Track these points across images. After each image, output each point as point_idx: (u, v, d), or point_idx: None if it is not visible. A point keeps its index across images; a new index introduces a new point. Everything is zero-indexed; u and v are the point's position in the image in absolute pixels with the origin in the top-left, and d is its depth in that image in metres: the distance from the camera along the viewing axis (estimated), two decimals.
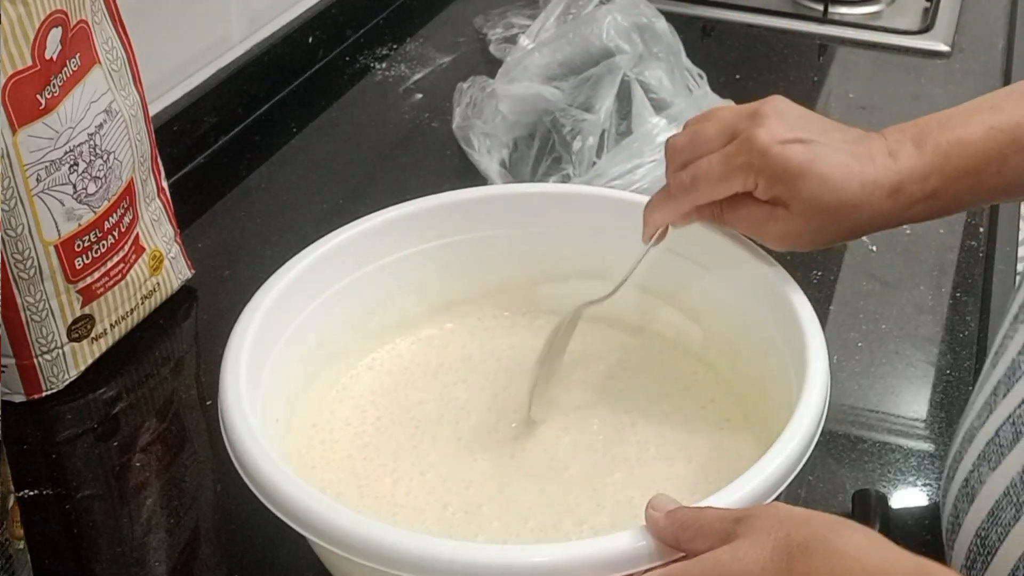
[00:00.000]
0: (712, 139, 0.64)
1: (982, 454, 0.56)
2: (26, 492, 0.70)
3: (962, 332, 0.84)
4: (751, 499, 0.54)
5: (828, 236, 0.64)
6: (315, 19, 1.18)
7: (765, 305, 0.68)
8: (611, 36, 1.02)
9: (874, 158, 0.62)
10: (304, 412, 0.69)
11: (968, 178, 0.61)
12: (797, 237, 0.63)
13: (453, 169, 1.02)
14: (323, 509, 0.53)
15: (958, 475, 0.58)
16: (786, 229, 0.63)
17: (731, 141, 0.63)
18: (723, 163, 0.63)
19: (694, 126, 0.66)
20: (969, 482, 0.56)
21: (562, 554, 0.51)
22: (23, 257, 0.72)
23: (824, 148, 0.62)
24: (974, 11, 1.33)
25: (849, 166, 0.62)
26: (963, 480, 0.57)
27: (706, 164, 0.64)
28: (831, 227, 0.63)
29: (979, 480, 0.55)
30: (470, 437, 0.69)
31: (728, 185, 0.63)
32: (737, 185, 0.63)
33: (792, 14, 1.31)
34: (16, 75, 0.68)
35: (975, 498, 0.55)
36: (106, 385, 0.79)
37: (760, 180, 0.62)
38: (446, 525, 0.63)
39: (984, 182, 0.61)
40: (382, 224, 0.72)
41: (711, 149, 0.64)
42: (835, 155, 0.62)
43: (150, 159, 0.82)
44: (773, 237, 0.65)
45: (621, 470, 0.67)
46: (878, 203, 0.61)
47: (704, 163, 0.64)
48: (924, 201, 0.62)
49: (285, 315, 0.67)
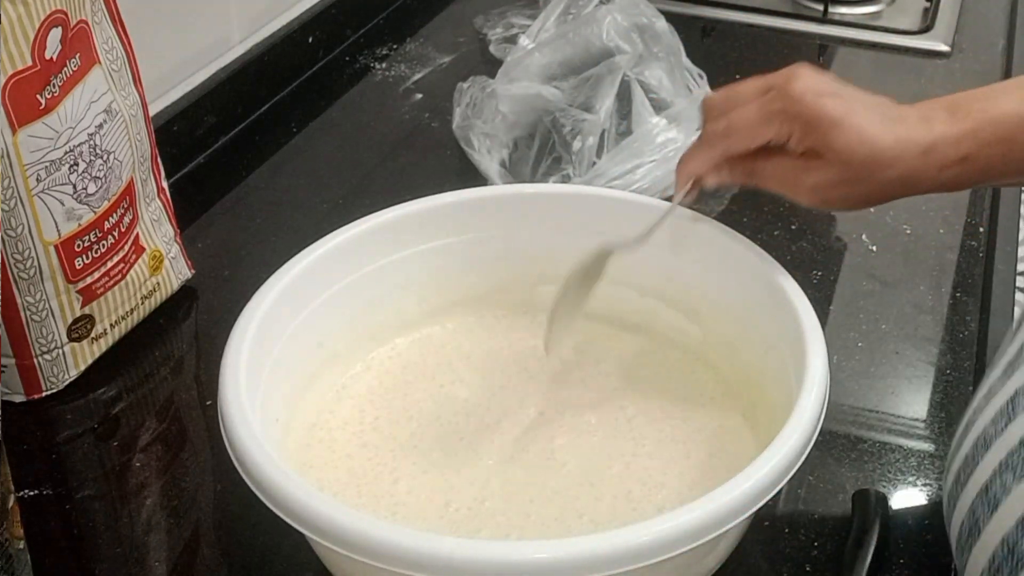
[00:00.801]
0: (748, 93, 0.66)
1: (1004, 463, 0.56)
2: (26, 492, 0.70)
3: (962, 332, 0.84)
4: (749, 497, 0.54)
5: (860, 192, 0.64)
6: (315, 19, 1.18)
7: (765, 304, 0.68)
8: (611, 36, 1.02)
9: (907, 119, 0.63)
10: (304, 412, 0.70)
11: (1000, 144, 0.62)
12: (830, 189, 0.64)
13: (453, 169, 1.02)
14: (323, 507, 0.53)
15: (974, 480, 0.58)
16: (819, 180, 0.64)
17: (767, 94, 0.64)
18: (759, 110, 0.64)
19: (730, 86, 0.68)
20: (990, 490, 0.56)
21: (561, 550, 0.51)
22: (23, 257, 0.72)
23: (858, 104, 0.63)
24: (974, 11, 1.33)
25: (883, 122, 0.63)
26: (982, 486, 0.57)
27: (742, 111, 0.65)
28: (864, 182, 0.63)
29: (1003, 488, 0.55)
30: (470, 436, 0.69)
31: (764, 131, 0.64)
32: (772, 131, 0.64)
33: (792, 14, 1.31)
34: (16, 75, 0.68)
35: (998, 506, 0.55)
36: (106, 385, 0.79)
37: (795, 127, 0.63)
38: (448, 522, 0.64)
39: (1015, 150, 0.62)
40: (382, 224, 0.72)
41: (747, 101, 0.65)
42: (869, 111, 0.63)
43: (150, 159, 0.82)
44: (806, 190, 0.65)
45: (619, 465, 0.67)
46: (911, 160, 0.62)
47: (740, 110, 0.65)
48: (956, 165, 0.62)
49: (285, 315, 0.67)
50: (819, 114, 0.62)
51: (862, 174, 0.63)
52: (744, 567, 0.65)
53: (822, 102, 0.63)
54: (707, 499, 0.53)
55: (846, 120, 0.62)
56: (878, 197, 0.65)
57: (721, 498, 0.53)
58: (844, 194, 0.64)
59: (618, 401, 0.72)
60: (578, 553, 0.51)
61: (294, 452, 0.67)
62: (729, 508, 0.53)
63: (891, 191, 0.64)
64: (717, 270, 0.71)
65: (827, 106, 0.62)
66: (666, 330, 0.76)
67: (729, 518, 0.53)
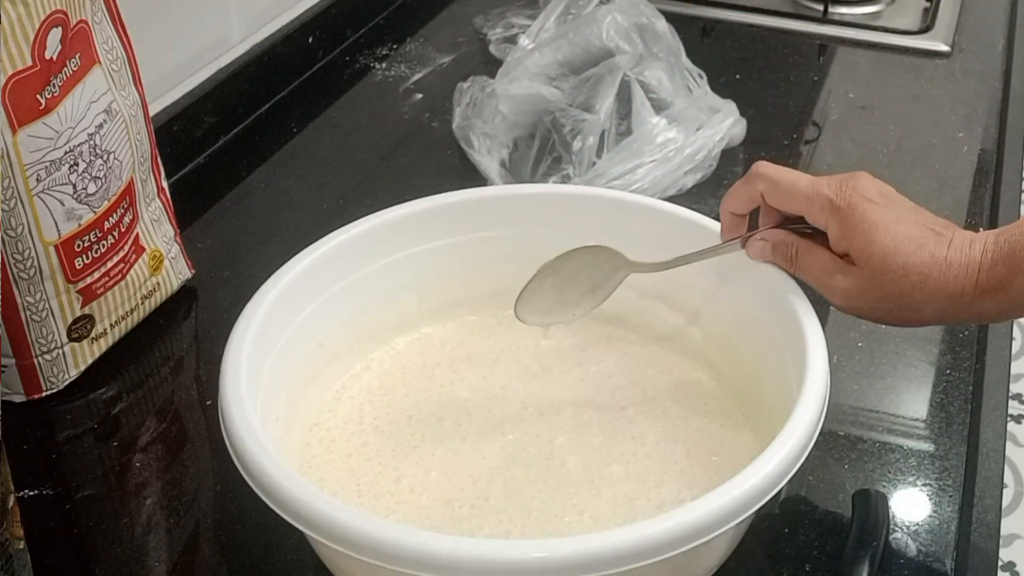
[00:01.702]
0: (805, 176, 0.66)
1: None
2: (26, 492, 0.70)
3: (962, 332, 0.84)
4: (749, 497, 0.54)
5: (890, 305, 0.63)
6: (315, 19, 1.18)
7: (765, 304, 0.68)
8: (611, 36, 1.02)
9: (951, 241, 0.62)
10: (304, 411, 0.70)
11: None
12: (859, 296, 0.63)
13: (453, 169, 1.02)
14: (323, 506, 0.53)
15: None
16: (850, 285, 0.63)
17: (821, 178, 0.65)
18: (809, 184, 0.64)
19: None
20: None
21: (561, 549, 0.51)
22: (23, 257, 0.72)
23: (903, 217, 0.63)
24: (974, 11, 1.33)
25: (924, 238, 0.62)
26: None
27: (794, 176, 0.65)
28: (894, 296, 0.62)
29: None
30: (470, 435, 0.69)
31: (804, 203, 0.64)
32: (812, 209, 0.64)
33: (792, 14, 1.31)
34: (16, 75, 0.68)
35: None
36: (106, 385, 0.79)
37: (834, 221, 0.63)
38: (449, 521, 0.64)
39: None
40: (382, 224, 0.72)
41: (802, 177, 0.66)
42: (912, 226, 0.62)
43: (150, 159, 0.82)
44: (838, 292, 0.64)
45: (619, 464, 0.67)
46: (944, 282, 0.61)
47: (792, 175, 0.65)
48: (992, 294, 0.60)
49: (285, 315, 0.67)
50: (860, 215, 0.62)
51: (892, 287, 0.62)
52: (744, 567, 0.65)
53: (866, 205, 0.62)
54: (707, 499, 0.53)
55: (884, 227, 0.61)
56: (906, 317, 0.64)
57: (721, 498, 0.53)
58: (872, 304, 0.63)
59: (618, 401, 0.72)
60: (578, 552, 0.51)
61: (294, 451, 0.67)
62: (729, 508, 0.53)
63: (922, 311, 0.62)
64: (717, 270, 0.71)
65: (869, 210, 0.62)
66: (666, 330, 0.76)
67: (729, 518, 0.53)
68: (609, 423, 0.70)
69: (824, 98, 1.17)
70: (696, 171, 0.96)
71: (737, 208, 0.68)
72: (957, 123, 1.12)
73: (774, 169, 0.66)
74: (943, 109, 1.15)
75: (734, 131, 1.01)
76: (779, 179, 0.65)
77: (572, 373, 0.74)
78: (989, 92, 1.17)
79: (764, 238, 0.67)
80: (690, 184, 0.96)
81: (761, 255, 0.67)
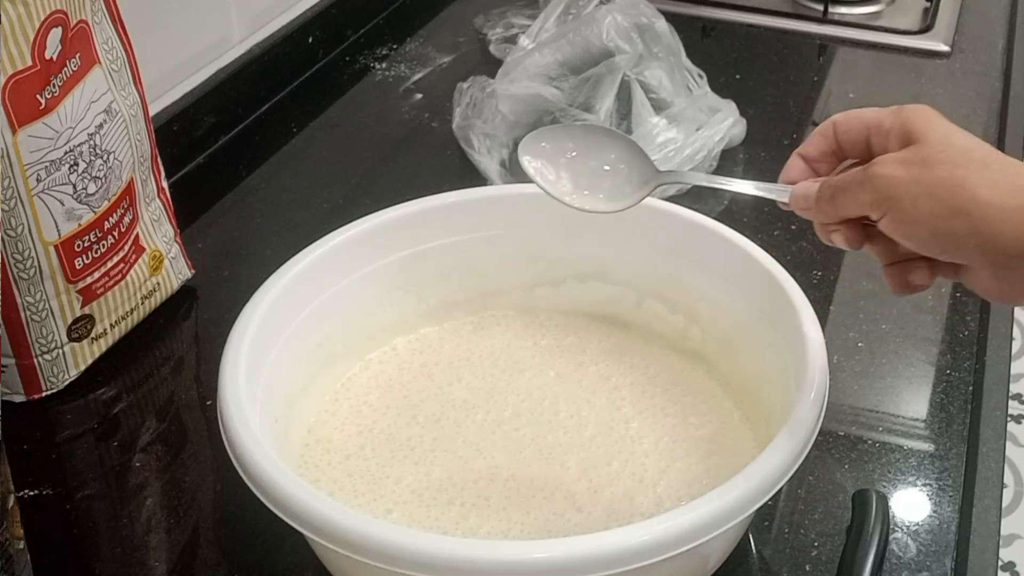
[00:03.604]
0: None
1: None
2: (26, 492, 0.70)
3: (962, 332, 0.84)
4: (749, 497, 0.54)
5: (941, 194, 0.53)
6: (315, 19, 1.18)
7: (764, 304, 0.68)
8: (611, 36, 1.02)
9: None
10: (303, 412, 0.70)
11: None
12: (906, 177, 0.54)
13: (453, 169, 1.02)
14: (322, 507, 0.53)
15: None
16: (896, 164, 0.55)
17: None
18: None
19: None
20: None
21: (561, 550, 0.51)
22: (23, 257, 0.72)
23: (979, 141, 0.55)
24: (974, 11, 1.33)
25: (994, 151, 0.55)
26: None
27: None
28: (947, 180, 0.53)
29: None
30: (469, 435, 0.69)
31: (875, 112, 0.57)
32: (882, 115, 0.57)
33: (792, 14, 1.31)
34: (16, 75, 0.68)
35: None
36: (106, 385, 0.79)
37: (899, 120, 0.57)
38: (448, 522, 0.64)
39: None
40: (382, 224, 0.73)
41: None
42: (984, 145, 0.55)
43: (150, 159, 0.82)
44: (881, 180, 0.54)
45: (618, 463, 0.67)
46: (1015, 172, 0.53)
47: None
48: None
49: (284, 315, 0.67)
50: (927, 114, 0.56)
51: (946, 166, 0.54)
52: (744, 567, 0.65)
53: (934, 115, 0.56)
54: (707, 499, 0.53)
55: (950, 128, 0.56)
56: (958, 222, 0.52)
57: (721, 498, 0.53)
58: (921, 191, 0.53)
59: (617, 401, 0.72)
60: (578, 552, 0.51)
61: (293, 452, 0.67)
62: (729, 508, 0.53)
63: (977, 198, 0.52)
64: (717, 270, 0.71)
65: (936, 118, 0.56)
66: (666, 330, 0.76)
67: (729, 518, 0.53)
68: (608, 423, 0.70)
69: (824, 98, 1.17)
70: (696, 171, 0.96)
71: (806, 149, 0.60)
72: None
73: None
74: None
75: (734, 131, 1.01)
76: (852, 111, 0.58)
77: (571, 373, 0.74)
78: (989, 92, 1.17)
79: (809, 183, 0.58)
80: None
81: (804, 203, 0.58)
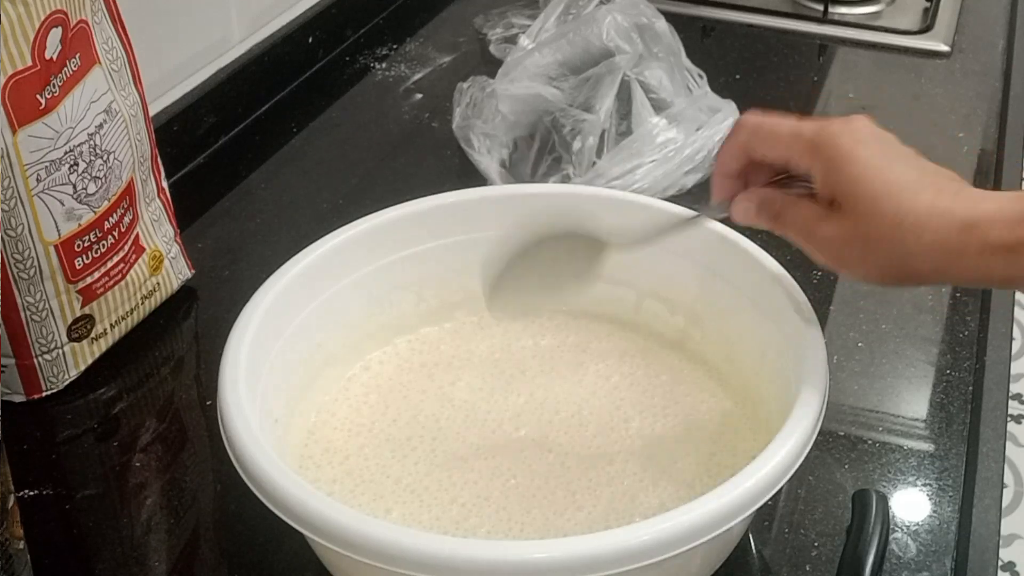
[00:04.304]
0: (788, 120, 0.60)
1: None
2: (26, 492, 0.70)
3: (962, 332, 0.84)
4: (749, 497, 0.54)
5: (879, 259, 0.56)
6: (315, 19, 1.18)
7: (764, 304, 0.68)
8: (611, 36, 1.02)
9: (957, 193, 0.54)
10: (303, 412, 0.70)
11: None
12: (845, 246, 0.56)
13: (453, 169, 1.02)
14: (322, 507, 0.53)
15: None
16: (835, 233, 0.56)
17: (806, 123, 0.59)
18: (790, 129, 0.58)
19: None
20: None
21: (560, 550, 0.51)
22: (23, 257, 0.72)
23: (899, 160, 0.56)
24: (974, 11, 1.33)
25: (922, 185, 0.54)
26: None
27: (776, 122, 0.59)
28: (883, 246, 0.55)
29: None
30: (469, 435, 0.69)
31: (788, 140, 0.58)
32: (792, 153, 0.58)
33: (792, 14, 1.31)
34: (16, 75, 0.68)
35: None
36: (106, 385, 0.79)
37: (818, 163, 0.57)
38: (448, 522, 0.64)
39: None
40: (382, 224, 0.72)
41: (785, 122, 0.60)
42: (910, 172, 0.55)
43: (150, 159, 0.82)
44: (823, 243, 0.58)
45: (618, 463, 0.67)
46: (946, 234, 0.53)
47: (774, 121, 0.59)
48: (1006, 253, 0.52)
49: (284, 315, 0.67)
50: (847, 156, 0.55)
51: (882, 234, 0.54)
52: (744, 567, 0.65)
53: (854, 145, 0.56)
54: (707, 499, 0.53)
55: (874, 169, 0.55)
56: (899, 271, 0.55)
57: (721, 498, 0.53)
58: (860, 255, 0.56)
59: (617, 400, 0.72)
60: (578, 553, 0.51)
61: (293, 452, 0.67)
62: (729, 508, 0.53)
63: (916, 265, 0.54)
64: (717, 270, 0.71)
65: (857, 151, 0.55)
66: (665, 330, 0.76)
67: (729, 518, 0.53)
68: (608, 422, 0.70)
69: (824, 98, 1.17)
70: (696, 171, 0.96)
71: (725, 165, 0.61)
72: (957, 123, 1.12)
73: (758, 116, 0.60)
74: (943, 109, 1.15)
75: None
76: (760, 124, 0.59)
77: (571, 373, 0.74)
78: (989, 92, 1.17)
79: (748, 199, 0.61)
80: (690, 184, 0.96)
81: (745, 217, 0.61)
